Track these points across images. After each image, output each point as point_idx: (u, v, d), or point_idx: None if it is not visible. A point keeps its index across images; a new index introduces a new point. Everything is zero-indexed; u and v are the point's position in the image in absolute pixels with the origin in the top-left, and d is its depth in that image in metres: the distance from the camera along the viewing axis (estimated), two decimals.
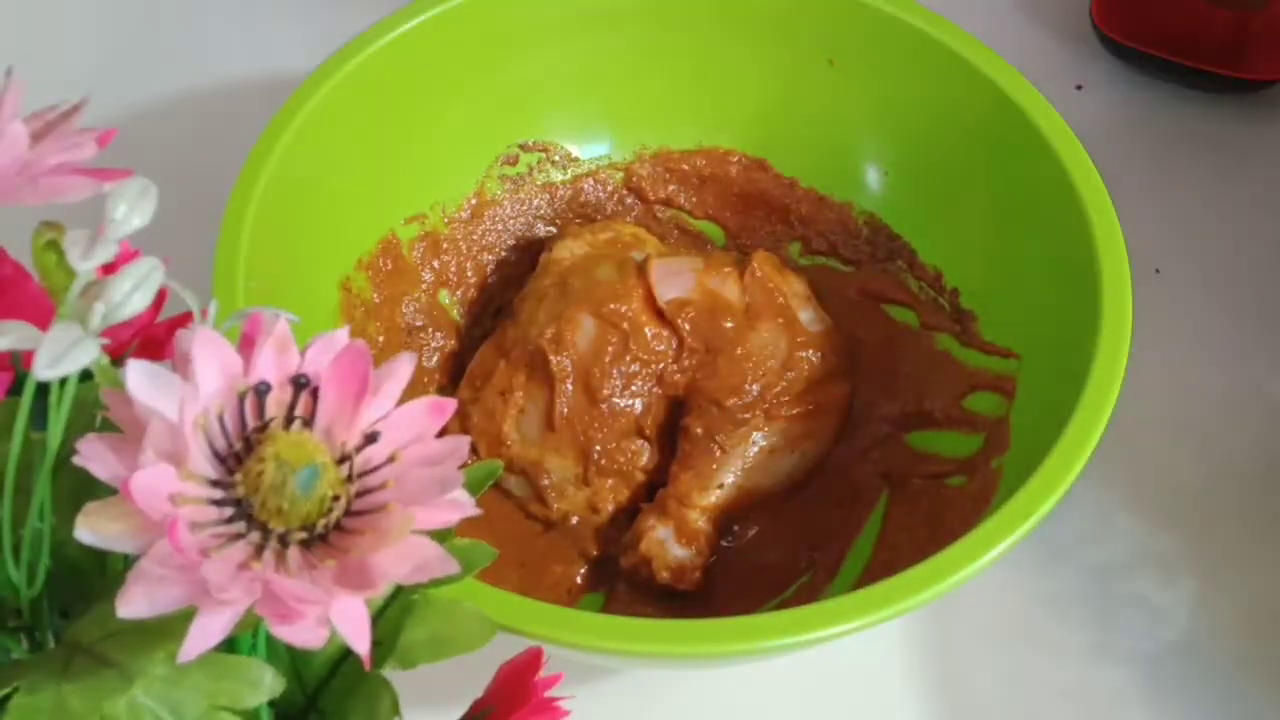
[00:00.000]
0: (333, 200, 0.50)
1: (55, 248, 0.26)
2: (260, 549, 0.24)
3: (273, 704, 0.28)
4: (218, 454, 0.25)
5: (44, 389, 0.26)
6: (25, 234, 0.27)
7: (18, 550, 0.28)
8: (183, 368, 0.25)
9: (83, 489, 0.25)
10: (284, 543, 0.24)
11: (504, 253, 0.57)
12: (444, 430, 0.27)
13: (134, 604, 0.23)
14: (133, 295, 0.26)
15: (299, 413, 0.26)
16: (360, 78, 0.50)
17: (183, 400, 0.24)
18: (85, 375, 0.26)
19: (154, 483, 0.23)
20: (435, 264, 0.55)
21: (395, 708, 0.30)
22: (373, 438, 0.26)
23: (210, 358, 0.25)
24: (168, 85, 0.65)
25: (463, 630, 0.31)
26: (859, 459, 0.51)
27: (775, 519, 0.50)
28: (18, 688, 0.26)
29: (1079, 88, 0.65)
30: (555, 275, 0.52)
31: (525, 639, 0.36)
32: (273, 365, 0.26)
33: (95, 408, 0.27)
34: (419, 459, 0.26)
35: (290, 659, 0.31)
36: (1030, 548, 0.40)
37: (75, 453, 0.24)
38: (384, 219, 0.53)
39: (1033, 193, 0.49)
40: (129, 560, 0.24)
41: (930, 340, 0.53)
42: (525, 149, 0.57)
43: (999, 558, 0.39)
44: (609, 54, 0.55)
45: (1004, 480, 0.46)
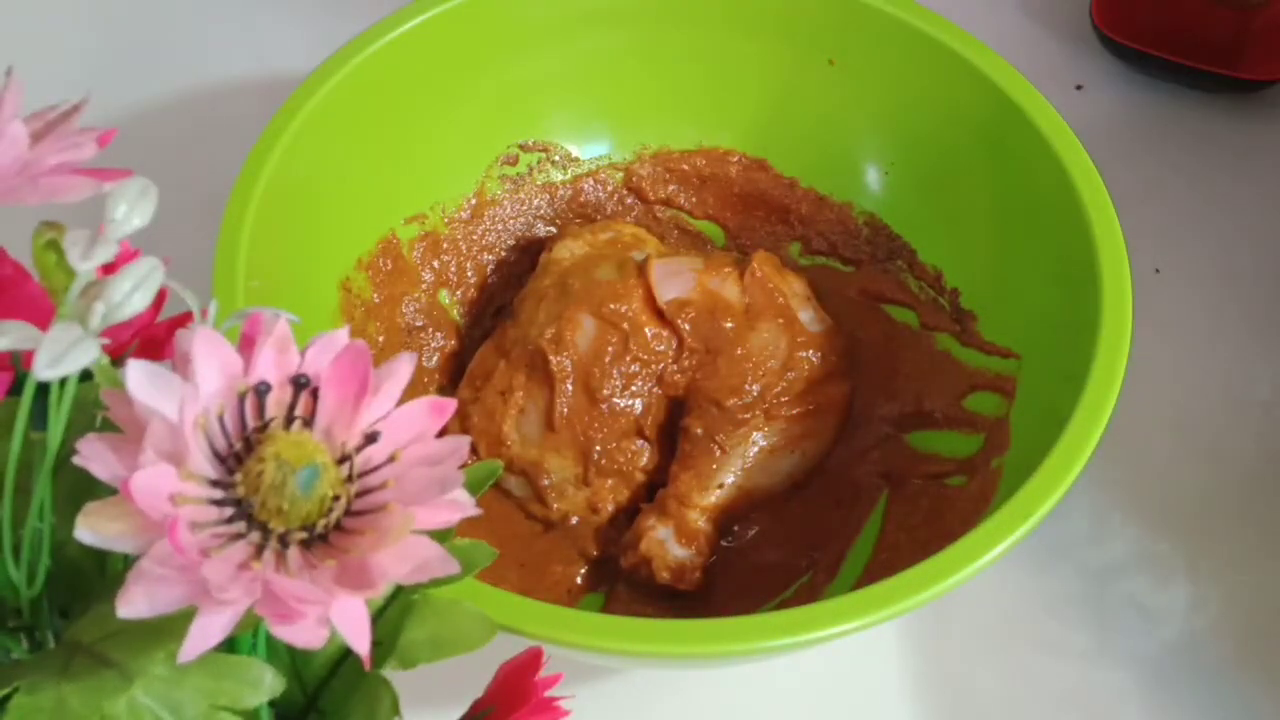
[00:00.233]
0: (333, 200, 0.50)
1: (55, 248, 0.26)
2: (260, 549, 0.24)
3: (273, 704, 0.28)
4: (218, 454, 0.25)
5: (44, 389, 0.26)
6: (25, 234, 0.27)
7: (18, 550, 0.28)
8: (183, 368, 0.25)
9: (83, 489, 0.25)
10: (284, 543, 0.24)
11: (504, 253, 0.57)
12: (444, 430, 0.27)
13: (134, 604, 0.23)
14: (133, 295, 0.26)
15: (299, 413, 0.26)
16: (360, 78, 0.50)
17: (183, 400, 0.24)
18: (85, 375, 0.26)
19: (154, 483, 0.23)
20: (435, 264, 0.55)
21: (395, 708, 0.30)
22: (373, 438, 0.26)
23: (210, 358, 0.25)
24: (168, 85, 0.65)
25: (463, 630, 0.31)
26: (859, 459, 0.51)
27: (775, 519, 0.50)
28: (18, 687, 0.26)
29: (1079, 88, 0.65)
30: (555, 275, 0.52)
31: (525, 639, 0.36)
32: (273, 365, 0.26)
33: (95, 408, 0.27)
34: (419, 459, 0.26)
35: (290, 659, 0.31)
36: (1029, 548, 0.40)
37: (75, 453, 0.24)
38: (384, 219, 0.53)
39: (1033, 193, 0.49)
40: (129, 560, 0.24)
41: (930, 340, 0.53)
42: (525, 149, 0.57)
43: (999, 558, 0.39)
44: (609, 54, 0.55)
45: (1004, 480, 0.46)
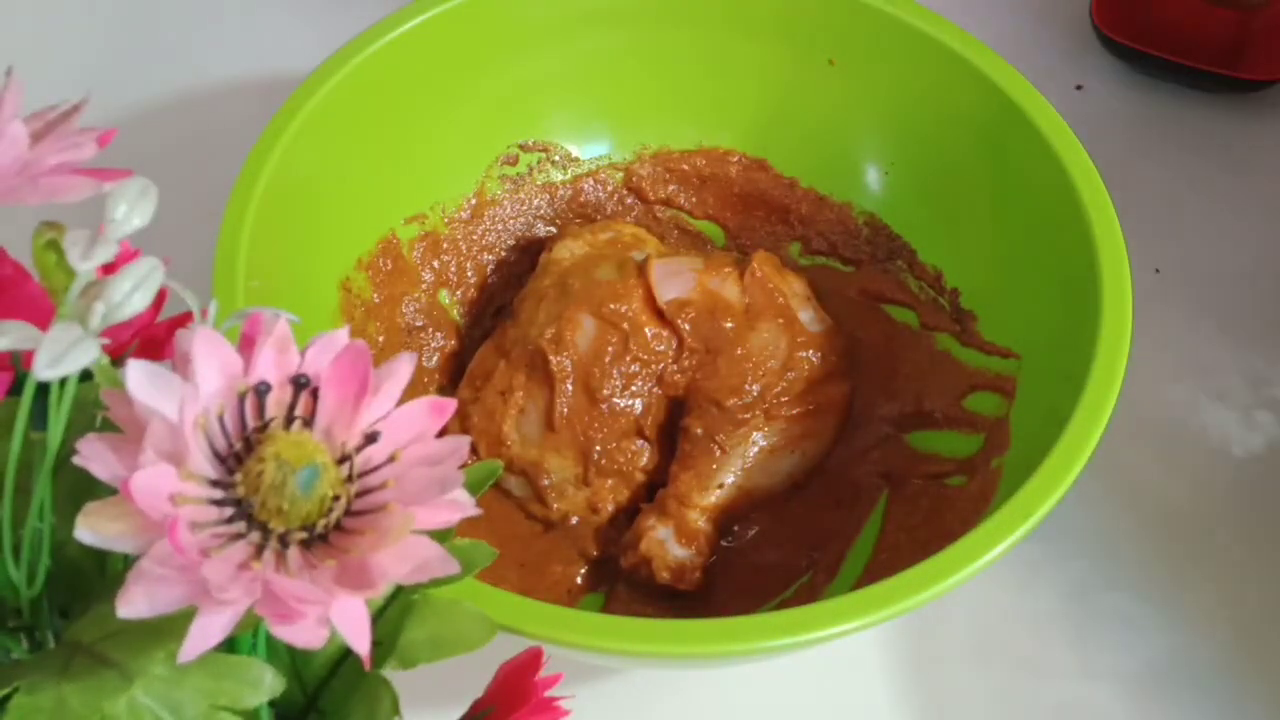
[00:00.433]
0: (333, 200, 0.50)
1: (55, 248, 0.26)
2: (260, 549, 0.24)
3: (273, 704, 0.28)
4: (218, 454, 0.25)
5: (44, 389, 0.26)
6: (25, 234, 0.27)
7: (18, 550, 0.28)
8: (183, 368, 0.25)
9: (83, 489, 0.25)
10: (284, 543, 0.24)
11: (504, 253, 0.57)
12: (444, 430, 0.26)
13: (134, 604, 0.23)
14: (133, 295, 0.26)
15: (299, 413, 0.26)
16: (360, 78, 0.50)
17: (183, 400, 0.24)
18: (85, 375, 0.26)
19: (154, 483, 0.23)
20: (435, 264, 0.55)
21: (395, 707, 0.30)
22: (373, 438, 0.26)
23: (210, 358, 0.25)
24: (168, 85, 0.65)
25: (463, 630, 0.31)
26: (859, 459, 0.51)
27: (775, 519, 0.50)
28: (18, 687, 0.26)
29: (1079, 88, 0.65)
30: (555, 275, 0.52)
31: (525, 639, 0.36)
32: (273, 365, 0.26)
33: (95, 408, 0.27)
34: (419, 459, 0.26)
35: (290, 659, 0.31)
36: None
37: (75, 453, 0.24)
38: (384, 219, 0.53)
39: (1033, 193, 0.49)
40: (129, 560, 0.24)
41: (930, 340, 0.53)
42: (525, 149, 0.57)
43: (999, 558, 0.39)
44: (609, 54, 0.55)
45: (1004, 480, 0.46)
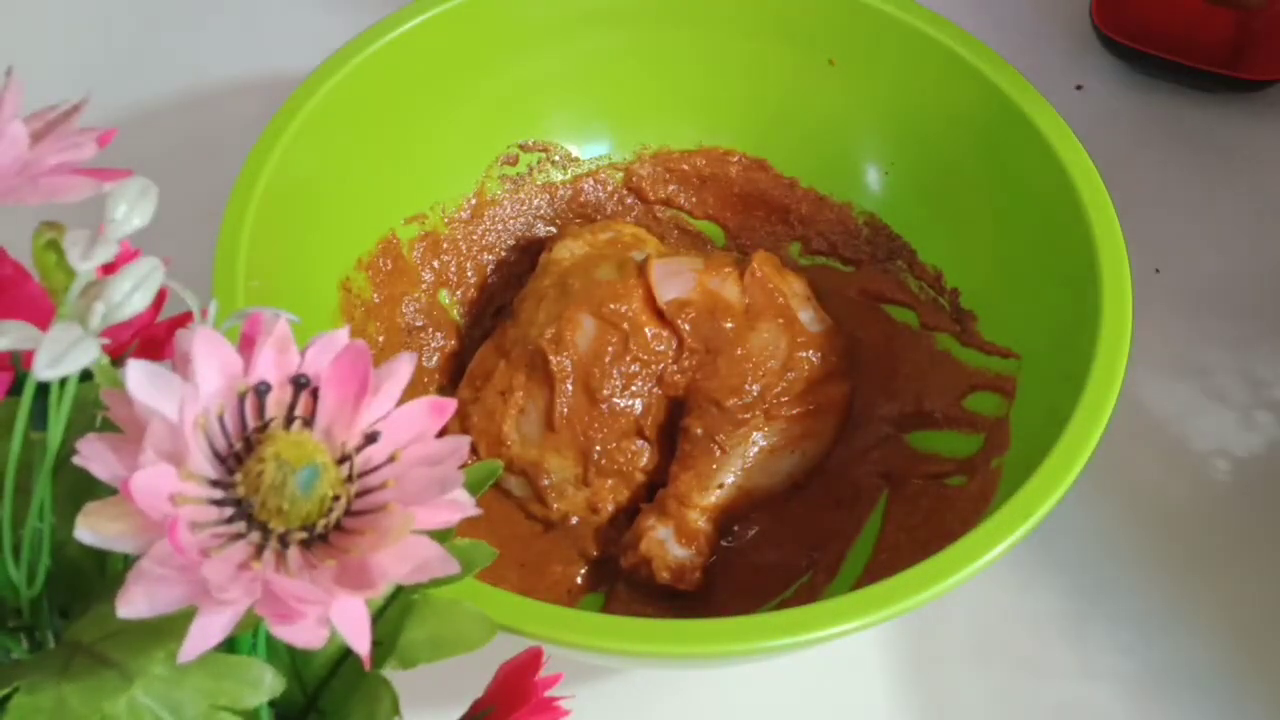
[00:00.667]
0: (333, 200, 0.50)
1: (55, 248, 0.26)
2: (260, 549, 0.24)
3: (273, 704, 0.28)
4: (218, 454, 0.25)
5: (44, 389, 0.26)
6: (25, 234, 0.27)
7: (18, 550, 0.28)
8: (183, 368, 0.25)
9: (83, 489, 0.25)
10: (284, 543, 0.24)
11: (504, 253, 0.57)
12: (444, 430, 0.26)
13: (134, 604, 0.23)
14: (133, 295, 0.26)
15: (299, 413, 0.26)
16: (360, 78, 0.50)
17: (183, 400, 0.24)
18: (85, 375, 0.26)
19: (154, 483, 0.23)
20: (435, 264, 0.54)
21: (395, 707, 0.30)
22: (373, 438, 0.26)
23: (210, 358, 0.25)
24: (168, 85, 0.65)
25: (463, 630, 0.31)
26: (859, 459, 0.51)
27: (775, 519, 0.50)
28: (18, 687, 0.26)
29: (1079, 88, 0.65)
30: (555, 275, 0.52)
31: (525, 639, 0.36)
32: (273, 365, 0.26)
33: (95, 408, 0.27)
34: (419, 459, 0.26)
35: (290, 659, 0.31)
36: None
37: (75, 453, 0.24)
38: (384, 219, 0.53)
39: (1033, 193, 0.49)
40: (129, 560, 0.24)
41: (930, 340, 0.53)
42: (525, 149, 0.57)
43: (999, 558, 0.39)
44: (609, 54, 0.55)
45: (1004, 480, 0.46)
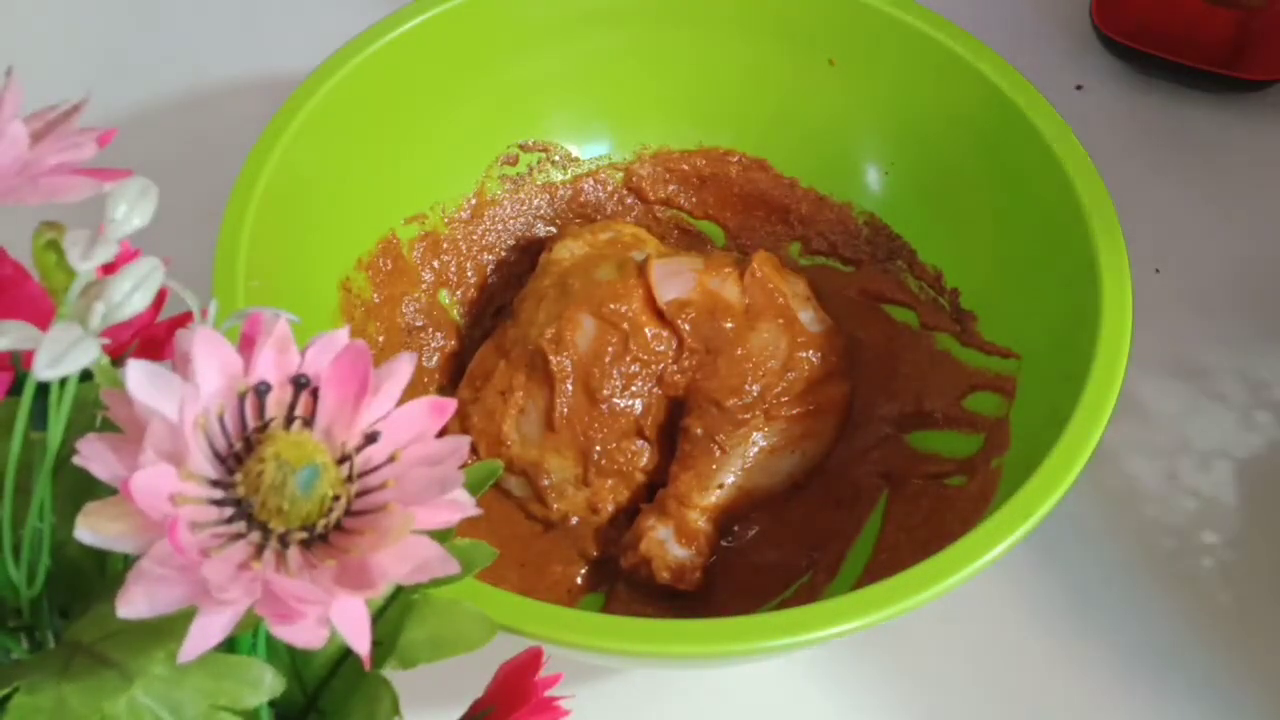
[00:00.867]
0: (333, 200, 0.50)
1: (55, 248, 0.26)
2: (260, 549, 0.24)
3: (273, 704, 0.28)
4: (218, 454, 0.25)
5: (44, 389, 0.26)
6: (25, 234, 0.27)
7: (18, 550, 0.28)
8: (183, 368, 0.25)
9: (83, 489, 0.25)
10: (284, 543, 0.24)
11: (504, 253, 0.57)
12: (444, 430, 0.26)
13: (134, 604, 0.23)
14: (133, 295, 0.26)
15: (299, 413, 0.26)
16: (360, 78, 0.50)
17: (183, 400, 0.24)
18: (85, 375, 0.26)
19: (154, 483, 0.23)
20: (435, 264, 0.54)
21: (395, 707, 0.30)
22: (373, 438, 0.26)
23: (210, 358, 0.25)
24: (168, 85, 0.65)
25: (463, 630, 0.31)
26: (859, 459, 0.51)
27: (775, 519, 0.50)
28: (18, 687, 0.26)
29: (1079, 88, 0.65)
30: (555, 275, 0.52)
31: (525, 639, 0.36)
32: (273, 365, 0.26)
33: (95, 408, 0.27)
34: (419, 459, 0.26)
35: (290, 659, 0.31)
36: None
37: (75, 453, 0.24)
38: (384, 219, 0.53)
39: (1033, 193, 0.49)
40: (129, 560, 0.24)
41: (930, 340, 0.53)
42: (525, 149, 0.57)
43: (999, 557, 0.39)
44: (609, 54, 0.55)
45: (1004, 480, 0.46)
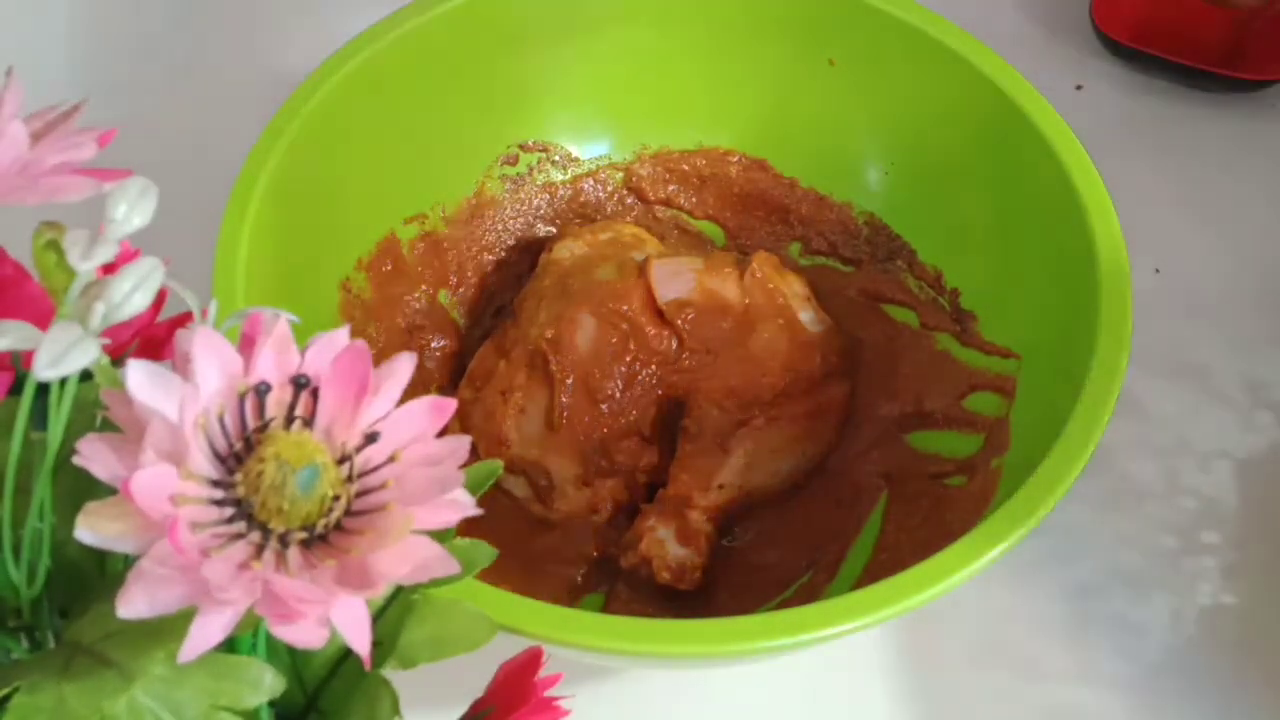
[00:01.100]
0: (333, 200, 0.50)
1: (55, 248, 0.26)
2: (260, 549, 0.24)
3: (273, 704, 0.28)
4: (218, 454, 0.25)
5: (44, 389, 0.26)
6: (25, 234, 0.27)
7: (18, 550, 0.28)
8: (183, 368, 0.25)
9: (83, 489, 0.25)
10: (284, 543, 0.24)
11: (504, 253, 0.57)
12: (444, 430, 0.26)
13: (134, 604, 0.23)
14: (133, 295, 0.26)
15: (299, 413, 0.26)
16: (360, 78, 0.50)
17: (183, 400, 0.24)
18: (85, 375, 0.26)
19: (154, 483, 0.23)
20: (435, 264, 0.55)
21: (395, 707, 0.30)
22: (373, 438, 0.26)
23: (210, 358, 0.25)
24: (168, 85, 0.65)
25: (463, 630, 0.31)
26: (859, 459, 0.51)
27: (775, 519, 0.50)
28: (18, 687, 0.26)
29: (1079, 88, 0.65)
30: (555, 275, 0.52)
31: (525, 639, 0.36)
32: (273, 365, 0.26)
33: (95, 408, 0.27)
34: (419, 459, 0.26)
35: (290, 659, 0.31)
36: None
37: (75, 453, 0.24)
38: (384, 219, 0.53)
39: (1033, 193, 0.49)
40: (129, 560, 0.24)
41: (930, 340, 0.53)
42: (525, 149, 0.57)
43: (999, 558, 0.39)
44: (609, 54, 0.55)
45: (1004, 480, 0.46)
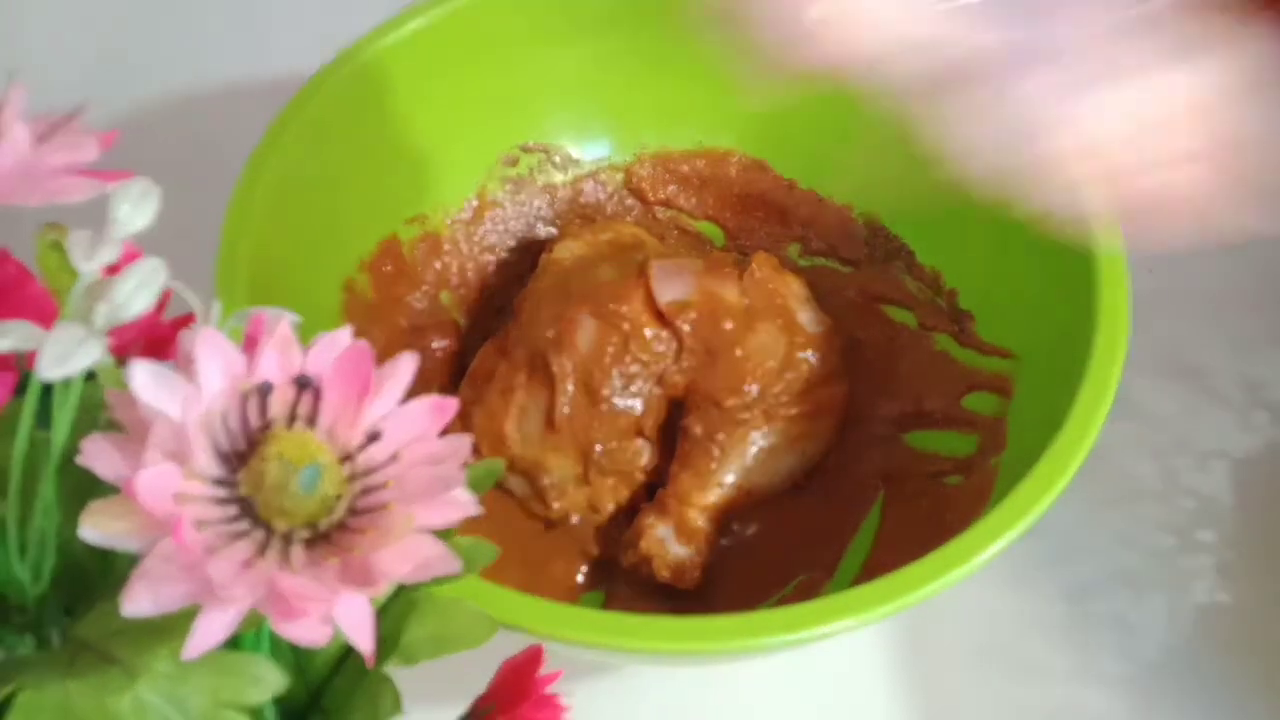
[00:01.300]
0: (334, 201, 0.51)
1: (58, 249, 0.26)
2: (264, 547, 0.24)
3: (276, 701, 0.29)
4: (221, 453, 0.25)
5: (49, 389, 0.26)
6: (28, 235, 0.27)
7: (24, 548, 0.28)
8: (186, 368, 0.25)
9: (87, 488, 0.26)
10: (287, 541, 0.25)
11: (505, 253, 0.57)
12: (446, 430, 0.27)
13: (138, 602, 0.23)
14: (136, 295, 0.26)
15: (302, 412, 0.26)
16: (362, 79, 0.50)
17: (186, 400, 0.24)
18: (89, 375, 0.26)
19: (158, 482, 0.24)
20: (436, 265, 0.55)
21: (397, 705, 0.30)
22: (375, 437, 0.26)
23: (213, 358, 0.25)
24: (169, 86, 0.65)
25: (464, 628, 0.31)
26: (858, 459, 0.51)
27: (775, 518, 0.50)
28: (23, 684, 0.26)
29: None
30: (556, 276, 0.52)
31: (526, 636, 0.37)
32: (275, 365, 0.26)
33: (99, 408, 0.27)
34: (421, 458, 0.26)
35: (293, 656, 0.31)
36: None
37: (79, 452, 0.24)
38: (385, 220, 0.53)
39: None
40: (133, 558, 0.24)
41: (929, 340, 0.53)
42: (526, 150, 0.57)
43: (996, 555, 0.39)
44: (609, 55, 0.55)
45: (1001, 479, 0.46)
